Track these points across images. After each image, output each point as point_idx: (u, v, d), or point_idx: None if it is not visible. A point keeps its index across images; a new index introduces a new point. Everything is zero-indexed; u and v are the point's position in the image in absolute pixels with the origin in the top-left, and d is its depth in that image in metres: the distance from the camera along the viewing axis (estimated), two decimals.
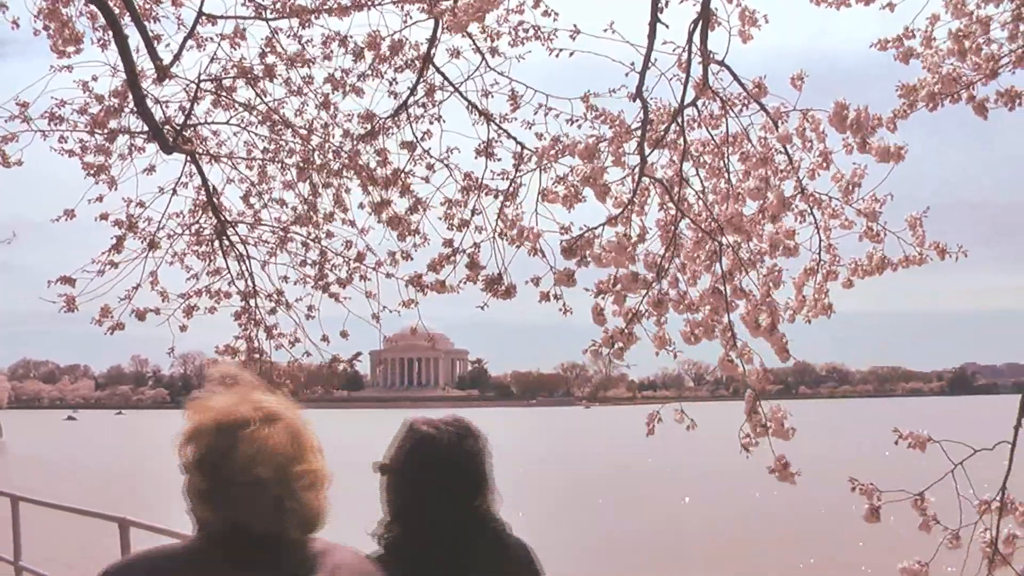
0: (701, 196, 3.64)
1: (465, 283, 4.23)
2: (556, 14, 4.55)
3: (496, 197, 4.54)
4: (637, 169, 3.31)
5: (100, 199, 5.22)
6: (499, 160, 4.91)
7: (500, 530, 2.29)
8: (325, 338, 5.44)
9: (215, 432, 1.68)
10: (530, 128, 4.80)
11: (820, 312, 3.73)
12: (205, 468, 1.68)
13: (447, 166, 5.11)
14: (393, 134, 5.24)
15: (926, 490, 3.08)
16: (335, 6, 4.85)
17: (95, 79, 5.00)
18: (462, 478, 2.25)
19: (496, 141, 4.95)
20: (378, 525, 2.26)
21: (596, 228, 3.16)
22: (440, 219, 4.93)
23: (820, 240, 3.71)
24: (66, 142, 5.06)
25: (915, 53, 3.23)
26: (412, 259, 5.17)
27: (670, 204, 3.55)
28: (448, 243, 4.73)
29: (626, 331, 3.15)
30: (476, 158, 4.97)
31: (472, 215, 4.79)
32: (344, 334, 5.42)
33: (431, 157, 5.19)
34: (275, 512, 1.67)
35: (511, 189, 3.95)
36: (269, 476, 1.66)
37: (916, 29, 3.32)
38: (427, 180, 5.19)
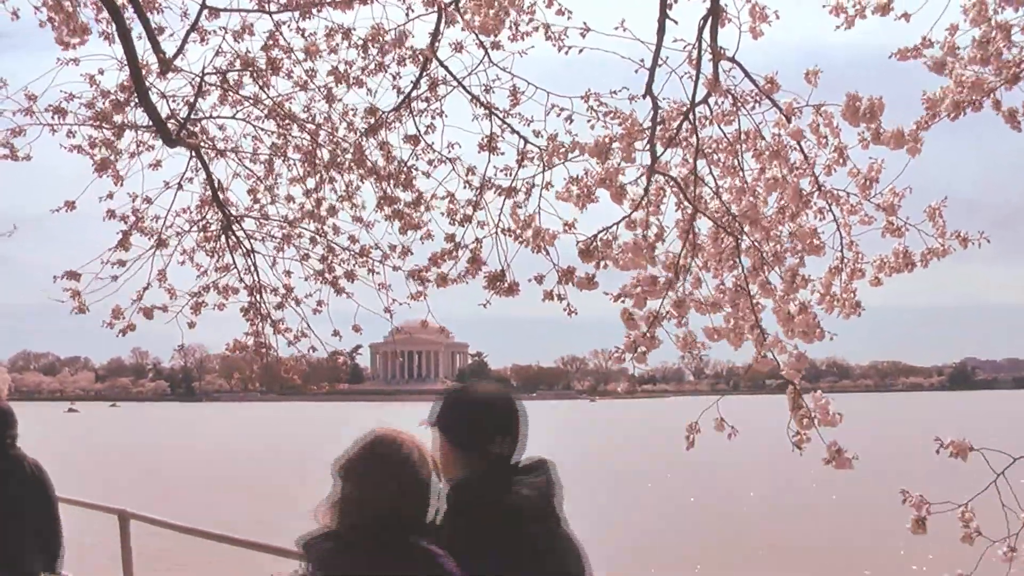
0: (716, 194, 3.59)
1: (466, 276, 4.20)
2: (570, 13, 4.49)
3: (499, 194, 4.48)
4: (648, 168, 3.27)
5: (110, 196, 5.19)
6: (502, 154, 4.88)
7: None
8: (336, 333, 5.39)
9: None
10: (529, 125, 4.76)
11: (850, 311, 3.65)
12: None
13: (448, 159, 5.08)
14: (396, 128, 5.21)
15: (970, 501, 2.99)
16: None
17: (101, 72, 4.97)
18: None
19: (499, 136, 4.92)
20: None
21: (612, 228, 3.11)
22: (443, 214, 4.90)
23: (842, 237, 3.66)
24: (73, 136, 5.02)
25: (945, 64, 3.15)
26: (412, 253, 5.14)
27: (686, 203, 3.52)
28: (450, 238, 4.69)
29: (648, 334, 3.09)
30: (479, 152, 4.93)
31: (475, 210, 4.75)
32: (357, 328, 5.36)
33: (434, 152, 5.16)
34: None
35: (523, 188, 3.90)
36: None
37: (936, 40, 3.26)
38: (428, 175, 5.15)
